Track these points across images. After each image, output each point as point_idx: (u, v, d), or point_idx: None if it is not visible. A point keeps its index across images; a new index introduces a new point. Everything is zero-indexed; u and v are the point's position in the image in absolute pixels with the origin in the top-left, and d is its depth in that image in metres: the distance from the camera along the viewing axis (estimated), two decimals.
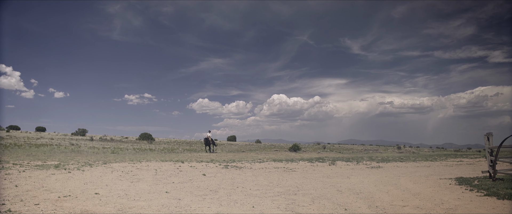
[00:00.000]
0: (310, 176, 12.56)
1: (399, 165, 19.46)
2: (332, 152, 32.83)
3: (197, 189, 8.78)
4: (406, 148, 55.78)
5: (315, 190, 9.21)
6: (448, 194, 8.65)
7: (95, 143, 30.21)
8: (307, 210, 6.60)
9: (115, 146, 27.39)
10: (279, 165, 17.24)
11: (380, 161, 21.56)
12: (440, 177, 12.52)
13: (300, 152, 30.67)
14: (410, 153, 38.58)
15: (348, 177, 12.39)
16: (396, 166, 18.63)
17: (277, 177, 11.98)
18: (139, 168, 12.97)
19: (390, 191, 9.14)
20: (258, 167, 15.93)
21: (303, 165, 17.30)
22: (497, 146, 10.85)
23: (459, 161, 24.85)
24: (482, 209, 6.75)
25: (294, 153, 29.47)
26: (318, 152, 32.48)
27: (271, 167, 16.07)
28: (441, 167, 18.23)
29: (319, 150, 35.13)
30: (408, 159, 24.63)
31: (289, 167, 16.01)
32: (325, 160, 21.20)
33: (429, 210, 6.69)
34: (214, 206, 6.72)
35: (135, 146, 29.91)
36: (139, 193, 7.83)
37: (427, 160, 24.79)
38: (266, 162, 18.91)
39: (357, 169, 16.18)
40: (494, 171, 10.92)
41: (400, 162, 21.90)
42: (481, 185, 9.77)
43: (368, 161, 21.23)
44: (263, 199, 7.70)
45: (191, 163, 16.32)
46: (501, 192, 8.38)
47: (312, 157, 23.84)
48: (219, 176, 11.86)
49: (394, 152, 38.57)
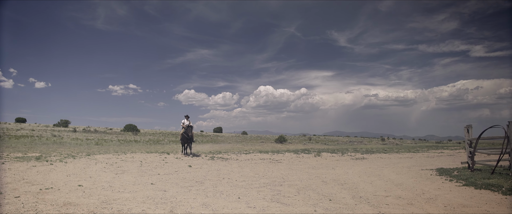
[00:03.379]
0: (295, 167, 12.68)
1: (383, 156, 19.85)
2: (318, 144, 33.19)
3: (183, 181, 8.74)
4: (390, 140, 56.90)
5: (301, 181, 9.31)
6: (429, 184, 8.89)
7: (78, 134, 29.64)
8: (293, 200, 6.67)
9: (99, 138, 26.95)
10: (265, 156, 17.33)
11: (365, 153, 21.93)
12: (421, 168, 12.83)
13: (286, 143, 30.89)
14: (394, 144, 39.39)
15: (333, 168, 12.56)
16: (379, 157, 18.99)
17: (263, 168, 12.05)
18: (124, 160, 12.81)
19: (373, 181, 9.33)
20: (244, 158, 15.97)
21: (289, 156, 17.43)
22: (476, 138, 11.19)
23: (440, 152, 25.52)
24: (460, 198, 6.97)
25: (280, 144, 29.66)
26: (304, 143, 32.79)
27: (257, 158, 16.14)
28: (423, 158, 18.69)
29: (305, 142, 35.47)
30: (391, 151, 25.14)
31: (275, 158, 16.12)
32: (311, 151, 21.42)
33: (410, 200, 6.86)
34: (200, 197, 6.71)
35: (120, 137, 29.51)
36: (124, 185, 7.74)
37: (409, 151, 25.36)
38: (252, 153, 18.97)
39: (342, 160, 16.42)
40: (473, 162, 11.27)
41: (384, 153, 22.34)
42: (460, 175, 10.07)
43: (352, 153, 21.57)
44: (249, 190, 7.74)
45: (177, 154, 16.22)
46: (479, 182, 8.67)
47: (298, 149, 24.05)
48: (205, 167, 11.84)
49: (378, 144, 39.30)
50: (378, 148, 29.20)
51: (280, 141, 31.60)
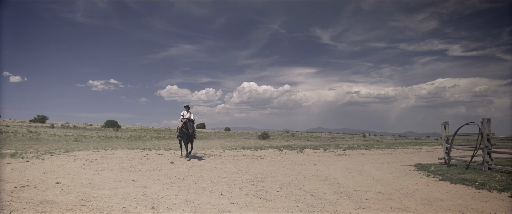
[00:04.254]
0: (278, 163, 12.76)
1: (364, 152, 20.23)
2: (301, 140, 33.50)
3: (165, 177, 8.66)
4: (371, 136, 58.03)
5: (283, 177, 9.38)
6: (407, 179, 9.13)
7: (56, 130, 28.83)
8: (275, 196, 6.71)
9: (79, 134, 26.31)
10: (248, 152, 17.36)
11: (346, 149, 22.29)
12: (401, 164, 13.16)
13: (269, 139, 31.03)
14: (374, 141, 40.21)
15: (315, 164, 12.72)
16: (361, 153, 19.35)
17: (246, 165, 12.07)
18: (104, 156, 12.56)
19: (354, 177, 9.50)
20: (227, 154, 15.95)
21: (271, 153, 17.52)
22: (452, 135, 11.57)
23: (419, 148, 26.22)
24: (437, 193, 7.19)
25: (263, 140, 29.76)
26: (286, 139, 33.02)
27: (240, 154, 16.15)
28: (402, 154, 19.17)
29: (287, 138, 35.73)
30: (372, 147, 25.65)
31: (258, 155, 16.17)
32: (293, 147, 21.60)
33: (390, 194, 7.03)
34: (182, 194, 6.66)
35: (100, 133, 28.90)
36: (104, 182, 7.59)
37: (389, 147, 25.94)
38: (235, 149, 18.96)
39: (324, 156, 16.64)
40: (449, 158, 11.65)
41: (365, 149, 22.77)
42: (437, 170, 10.39)
43: (334, 149, 21.88)
44: (231, 186, 7.74)
45: (159, 150, 16.04)
46: (454, 177, 8.98)
47: (280, 145, 24.20)
48: (187, 163, 11.76)
49: (359, 140, 40.02)
50: (360, 144, 29.73)
51: (263, 137, 31.71)
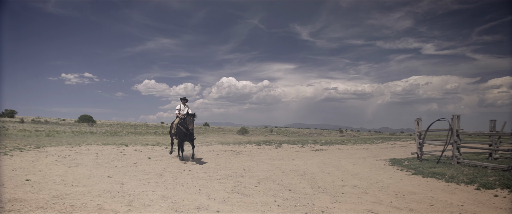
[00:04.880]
0: (257, 159, 12.81)
1: (341, 147, 20.64)
2: (279, 135, 33.75)
3: (142, 173, 8.51)
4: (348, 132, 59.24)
5: (262, 172, 9.43)
6: (382, 173, 9.40)
7: (26, 126, 27.67)
8: (253, 191, 6.74)
9: (51, 129, 25.37)
10: (226, 148, 17.32)
11: (324, 144, 22.65)
12: (376, 159, 13.51)
13: (248, 135, 31.07)
14: (351, 136, 41.08)
15: (293, 160, 12.85)
16: (338, 148, 19.72)
17: (224, 160, 12.04)
18: (78, 152, 12.18)
19: (331, 172, 9.68)
20: (205, 150, 15.86)
21: (250, 148, 17.56)
22: (424, 130, 11.99)
23: (393, 143, 27.02)
24: (410, 186, 7.45)
25: (242, 136, 29.77)
26: (265, 135, 33.18)
27: (219, 150, 16.09)
28: (377, 149, 19.69)
29: (266, 133, 35.91)
30: (349, 142, 26.18)
31: (236, 150, 16.16)
32: (272, 143, 21.73)
33: (365, 188, 7.21)
34: (160, 190, 6.57)
35: (74, 128, 28.00)
36: (77, 179, 7.37)
37: (366, 143, 26.57)
38: (213, 145, 18.87)
39: (302, 151, 16.84)
40: (421, 153, 12.08)
41: (342, 144, 23.22)
42: (410, 165, 10.74)
43: (312, 144, 22.18)
44: (210, 181, 7.71)
45: (136, 146, 15.72)
46: (426, 171, 9.32)
47: (259, 140, 24.29)
48: (165, 159, 11.60)
49: (336, 136, 40.75)
50: (337, 139, 30.28)
51: (242, 133, 31.72)
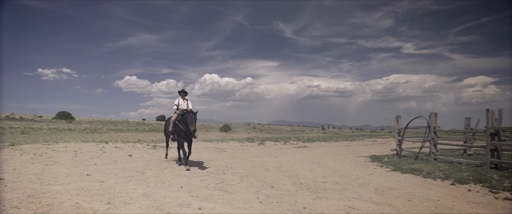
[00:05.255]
0: (239, 156, 12.81)
1: (323, 144, 20.89)
2: (262, 133, 33.84)
3: (122, 171, 8.36)
4: (330, 129, 60.04)
5: (244, 169, 9.44)
6: (362, 170, 9.58)
7: None
8: (236, 188, 6.74)
9: (26, 126, 24.56)
10: (209, 145, 17.24)
11: (306, 141, 22.88)
12: (357, 155, 13.75)
13: (231, 132, 31.02)
14: (333, 133, 41.65)
15: (275, 156, 12.92)
16: (320, 145, 19.96)
17: (206, 157, 11.98)
18: (55, 150, 11.85)
19: (313, 168, 9.79)
20: None
21: (233, 145, 17.54)
22: (403, 127, 12.29)
23: (374, 140, 27.57)
24: (389, 182, 7.62)
25: (224, 133, 29.69)
26: (248, 132, 33.21)
27: (201, 147, 16.00)
28: (358, 146, 20.04)
29: (249, 131, 35.94)
30: (330, 139, 26.54)
31: (219, 147, 16.11)
32: (255, 140, 21.78)
33: (346, 185, 7.33)
34: (141, 188, 6.48)
35: (51, 125, 27.21)
36: (55, 177, 7.17)
37: (347, 140, 27.01)
38: (195, 142, 18.75)
39: (284, 148, 16.96)
40: (400, 149, 12.38)
41: (324, 141, 23.51)
42: (390, 161, 11.00)
43: (295, 141, 22.37)
44: (192, 179, 7.66)
45: (116, 143, 15.43)
46: (404, 167, 9.56)
47: (242, 137, 24.29)
48: (146, 156, 11.44)
49: (318, 133, 41.24)
50: (319, 136, 30.63)
51: (225, 130, 31.63)
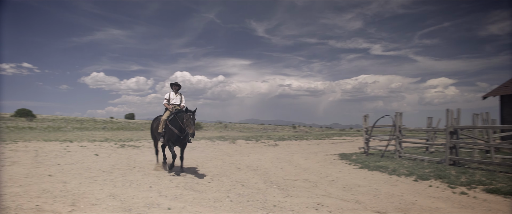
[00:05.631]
0: (210, 154, 12.72)
1: (294, 143, 21.16)
2: (233, 131, 33.78)
3: (88, 171, 8.04)
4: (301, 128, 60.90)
5: (215, 168, 9.38)
6: (332, 168, 9.80)
7: None
8: (206, 187, 6.68)
9: None
10: None
11: (277, 140, 23.08)
12: (326, 154, 14.04)
13: (202, 130, 30.72)
14: (304, 132, 42.34)
15: (247, 155, 12.94)
16: (291, 144, 20.21)
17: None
18: (14, 149, 11.20)
19: (284, 167, 9.89)
20: None
21: (204, 144, 17.38)
22: (371, 126, 12.71)
23: (343, 139, 28.28)
24: (357, 179, 7.85)
25: (196, 131, 29.36)
26: (219, 130, 33.03)
27: None
28: (328, 145, 20.48)
29: (220, 129, 35.77)
30: (301, 138, 26.93)
31: (189, 146, 15.90)
32: (226, 138, 21.69)
33: (315, 182, 7.47)
34: (107, 188, 6.26)
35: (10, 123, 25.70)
36: (12, 179, 6.77)
37: (317, 138, 27.52)
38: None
39: (256, 147, 17.02)
40: (368, 147, 12.79)
41: (295, 140, 23.82)
42: (358, 159, 11.33)
43: (266, 140, 22.50)
44: (161, 178, 7.51)
45: (82, 142, 14.82)
46: (371, 164, 9.88)
47: (213, 136, 24.11)
48: (114, 156, 11.08)
49: (290, 131, 41.76)
50: (290, 135, 31.01)
51: (196, 128, 31.26)
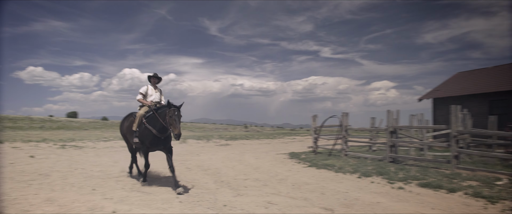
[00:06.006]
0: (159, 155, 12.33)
1: (245, 142, 21.28)
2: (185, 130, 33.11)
3: (21, 174, 7.37)
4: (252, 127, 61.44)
5: (164, 168, 9.11)
6: (281, 166, 10.02)
7: None
8: (154, 188, 6.47)
9: None
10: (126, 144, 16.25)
11: (229, 139, 23.04)
12: (277, 153, 14.32)
13: None
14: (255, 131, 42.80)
15: (198, 155, 12.76)
16: (242, 143, 20.30)
17: (124, 156, 11.26)
18: None
19: (235, 166, 9.91)
20: (103, 146, 14.61)
21: None
22: (319, 126, 13.22)
23: (293, 138, 29.02)
24: (305, 177, 8.11)
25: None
26: None
27: (118, 146, 15.01)
28: (279, 144, 20.90)
29: None
30: (253, 137, 27.17)
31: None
32: None
33: (266, 181, 7.59)
34: (44, 192, 5.79)
35: None
36: None
37: (268, 138, 27.94)
38: (112, 140, 17.51)
39: (207, 146, 16.85)
40: (316, 146, 13.28)
41: (246, 139, 23.96)
42: (306, 158, 11.70)
43: (217, 139, 22.36)
44: (106, 180, 7.13)
45: (15, 143, 13.55)
46: (319, 163, 10.28)
47: None
48: (53, 157, 10.28)
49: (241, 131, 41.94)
50: (241, 134, 31.14)
51: None
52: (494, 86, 18.69)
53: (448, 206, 5.41)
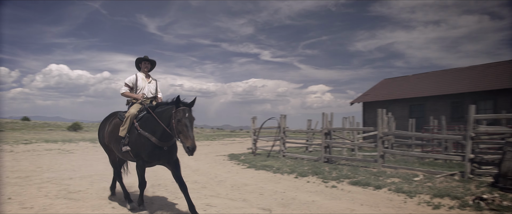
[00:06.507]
0: (91, 158, 11.54)
1: None
2: None
3: None
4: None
5: (96, 172, 8.53)
6: (221, 168, 9.99)
7: None
8: (84, 195, 6.01)
9: None
10: (52, 146, 14.86)
11: None
12: (216, 154, 14.24)
13: (82, 131, 27.54)
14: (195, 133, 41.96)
15: None
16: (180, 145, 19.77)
17: (48, 161, 10.31)
18: None
19: None
20: (22, 149, 13.17)
21: (84, 146, 15.63)
22: (258, 128, 13.46)
23: (233, 140, 29.14)
24: (244, 178, 8.19)
25: (74, 132, 26.18)
26: None
27: (42, 149, 13.65)
28: (218, 146, 20.80)
29: None
30: None
31: (65, 149, 14.08)
32: None
33: (204, 183, 7.51)
34: None
35: None
36: None
37: (208, 139, 27.69)
38: (35, 143, 15.88)
39: None
40: (256, 148, 13.49)
41: None
42: (246, 159, 11.82)
43: None
44: (26, 187, 6.43)
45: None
46: (258, 164, 10.45)
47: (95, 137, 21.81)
48: None
49: None
50: None
51: (74, 129, 27.79)
52: (413, 92, 20.89)
53: (374, 201, 5.87)
